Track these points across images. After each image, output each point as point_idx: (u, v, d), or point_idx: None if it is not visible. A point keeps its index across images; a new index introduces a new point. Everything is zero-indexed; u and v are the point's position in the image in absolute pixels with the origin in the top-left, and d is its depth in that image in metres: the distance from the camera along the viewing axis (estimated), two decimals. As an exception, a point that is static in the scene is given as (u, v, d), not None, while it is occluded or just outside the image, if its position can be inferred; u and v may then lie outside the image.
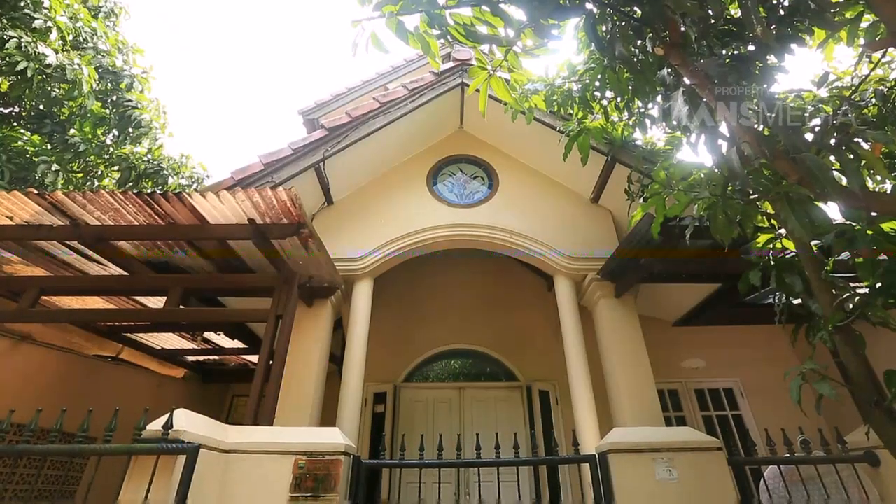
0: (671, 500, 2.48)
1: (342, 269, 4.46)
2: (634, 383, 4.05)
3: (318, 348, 4.18)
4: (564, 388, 4.83)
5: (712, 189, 2.14)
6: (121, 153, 6.46)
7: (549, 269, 4.83)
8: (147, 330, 5.06)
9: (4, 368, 4.04)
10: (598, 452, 2.74)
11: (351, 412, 3.94)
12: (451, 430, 5.48)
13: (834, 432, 2.89)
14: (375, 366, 5.29)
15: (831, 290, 2.12)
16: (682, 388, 5.88)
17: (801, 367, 2.06)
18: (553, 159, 4.93)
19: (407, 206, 5.02)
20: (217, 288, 3.99)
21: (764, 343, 5.95)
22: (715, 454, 2.65)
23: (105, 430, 2.19)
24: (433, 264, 6.23)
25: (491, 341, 6.23)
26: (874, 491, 2.75)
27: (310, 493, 2.38)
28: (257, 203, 3.22)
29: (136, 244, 3.86)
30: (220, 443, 2.43)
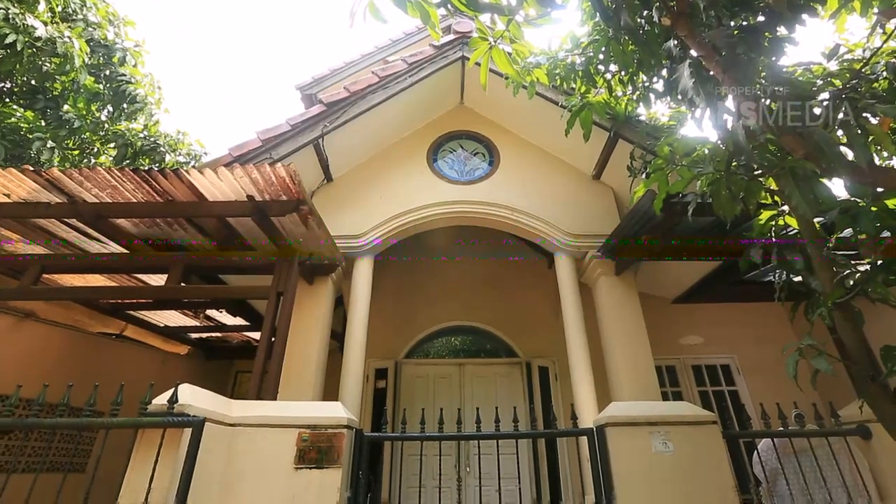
0: (667, 472, 2.54)
1: (342, 246, 4.46)
2: (633, 359, 4.10)
3: (320, 325, 4.22)
4: (564, 364, 4.89)
5: (716, 164, 2.11)
6: (116, 130, 6.36)
7: (550, 247, 4.83)
8: (150, 308, 5.10)
9: (9, 345, 4.08)
10: (596, 426, 2.79)
11: (353, 387, 4.00)
12: (452, 404, 5.59)
13: (828, 407, 2.93)
14: (377, 342, 5.35)
15: (832, 268, 2.12)
16: (680, 364, 5.97)
17: (799, 343, 2.08)
18: (555, 135, 4.87)
19: (407, 183, 4.98)
20: (218, 265, 4.00)
21: (761, 321, 6.00)
22: (710, 427, 2.71)
23: (111, 404, 2.23)
24: (434, 241, 6.23)
25: (491, 318, 6.29)
26: (864, 462, 2.82)
27: (314, 465, 2.44)
28: (256, 180, 3.19)
29: (136, 222, 3.84)
30: (224, 416, 2.48)
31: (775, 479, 3.13)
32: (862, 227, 1.96)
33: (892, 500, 2.68)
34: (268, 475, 2.42)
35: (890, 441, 2.40)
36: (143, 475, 2.03)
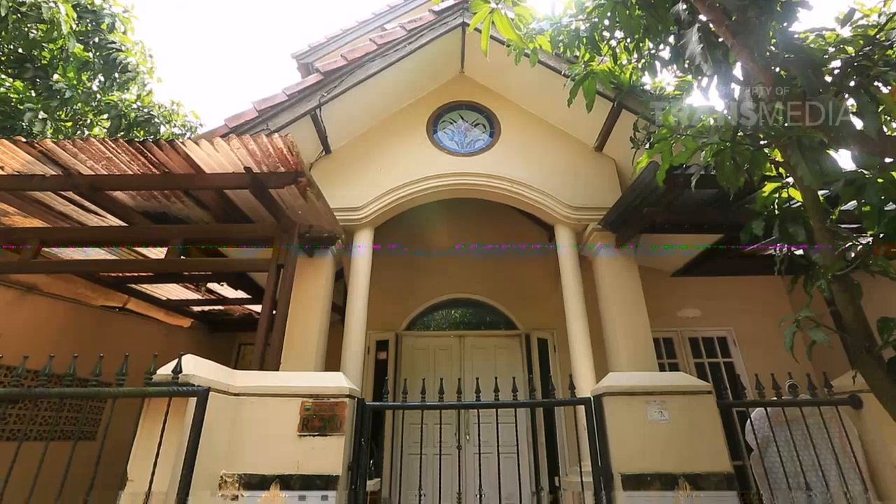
0: (662, 440, 2.61)
1: (342, 218, 4.43)
2: (631, 331, 4.14)
3: (321, 297, 4.25)
4: (563, 336, 4.95)
5: (721, 134, 2.07)
6: (109, 100, 6.22)
7: (550, 219, 4.80)
8: (151, 281, 5.11)
9: (13, 319, 4.12)
10: (594, 395, 2.85)
11: (354, 359, 4.06)
12: (452, 375, 5.69)
13: (822, 377, 2.99)
14: (377, 315, 5.40)
15: (834, 240, 2.11)
16: (677, 336, 6.04)
17: (797, 315, 2.10)
18: (557, 106, 4.76)
19: (407, 155, 4.91)
20: (217, 238, 3.99)
21: (759, 294, 6.05)
22: (705, 397, 2.76)
23: (117, 374, 2.26)
24: (433, 211, 6.19)
25: (491, 291, 6.33)
26: (854, 430, 2.89)
27: (317, 432, 2.50)
28: (253, 151, 3.14)
29: (133, 195, 3.81)
30: (228, 386, 2.53)
31: (766, 447, 3.22)
32: (867, 199, 1.94)
33: (877, 463, 2.76)
34: (273, 442, 2.49)
35: (879, 410, 2.45)
36: (151, 443, 2.08)
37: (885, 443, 2.70)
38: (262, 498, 2.36)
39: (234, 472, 2.42)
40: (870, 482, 2.75)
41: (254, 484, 2.39)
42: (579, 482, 2.81)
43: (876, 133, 1.62)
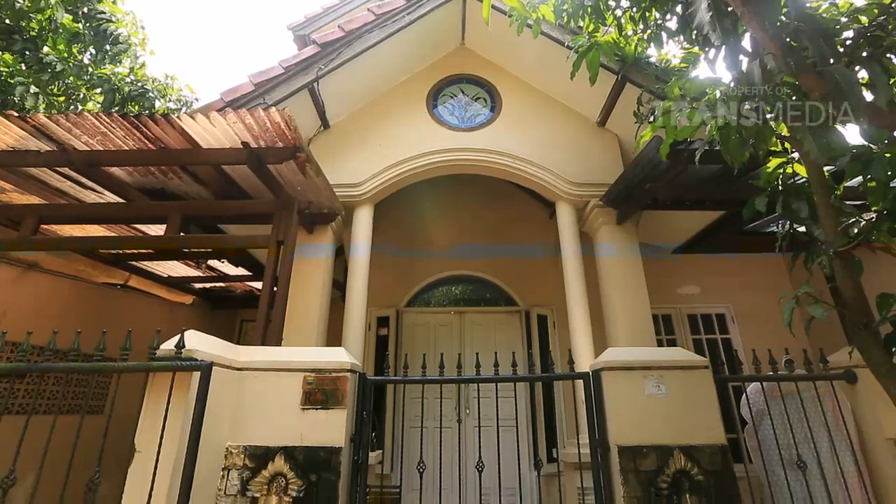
0: (659, 413, 2.65)
1: (341, 194, 4.40)
2: (631, 308, 4.17)
3: (321, 273, 4.25)
4: (562, 313, 4.98)
5: (729, 107, 2.02)
6: (101, 74, 6.08)
7: (552, 196, 4.77)
8: (151, 258, 5.11)
9: (15, 296, 4.13)
10: (592, 370, 2.89)
11: (355, 334, 4.10)
12: (452, 351, 5.76)
13: (818, 353, 3.02)
14: (378, 291, 5.43)
15: (837, 216, 2.10)
16: (676, 313, 6.09)
17: (796, 291, 2.10)
18: (559, 79, 4.65)
19: (406, 130, 4.83)
20: (216, 214, 3.97)
21: (758, 272, 6.06)
22: (702, 372, 2.80)
23: (120, 349, 2.28)
24: (434, 189, 6.15)
25: (491, 268, 6.34)
26: (847, 405, 2.94)
27: (320, 406, 2.55)
28: (250, 125, 3.09)
29: (130, 171, 3.77)
30: (232, 361, 2.56)
31: (761, 420, 3.29)
32: (873, 174, 1.91)
33: (869, 437, 2.82)
34: (276, 415, 2.54)
35: (873, 384, 2.49)
36: (157, 417, 2.11)
37: (877, 417, 2.75)
38: (267, 469, 2.42)
39: (239, 443, 2.47)
40: (860, 455, 2.81)
41: (258, 455, 2.44)
42: (576, 454, 2.88)
43: (886, 105, 1.58)
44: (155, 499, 1.98)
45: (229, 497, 2.38)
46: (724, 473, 2.53)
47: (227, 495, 2.38)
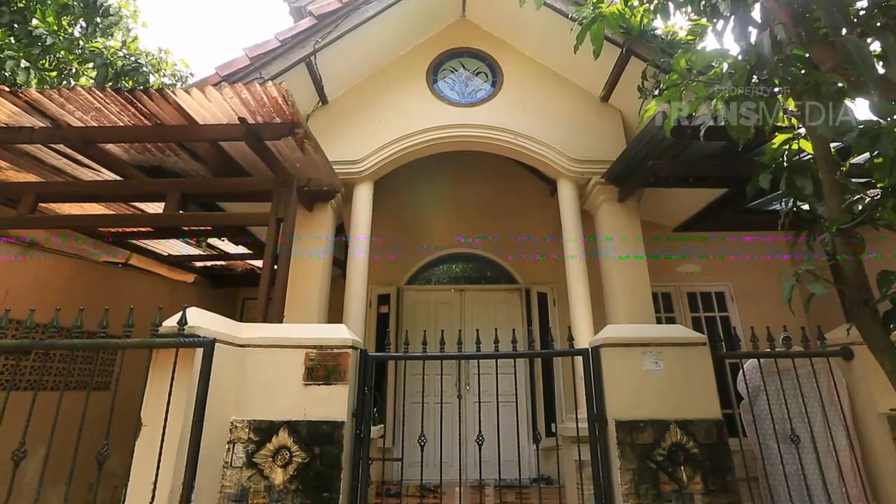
0: (656, 389, 2.69)
1: (341, 171, 4.35)
2: (631, 286, 4.18)
3: (321, 251, 4.25)
4: (562, 290, 5.01)
5: (735, 80, 1.97)
6: (93, 48, 5.93)
7: (553, 173, 4.72)
8: (151, 237, 5.10)
9: (17, 275, 4.14)
10: (592, 346, 2.91)
11: (356, 312, 4.13)
12: (453, 328, 5.80)
13: (816, 330, 3.03)
14: (378, 269, 5.44)
15: (842, 193, 2.08)
16: (676, 291, 6.11)
17: (797, 269, 2.10)
18: (562, 52, 4.55)
19: (406, 106, 4.74)
20: (214, 192, 3.94)
21: (758, 250, 6.06)
22: (700, 348, 2.82)
23: (123, 326, 2.30)
24: (434, 167, 6.09)
25: (492, 246, 6.34)
26: (842, 381, 2.98)
27: (322, 381, 2.59)
28: (246, 100, 3.03)
29: (126, 148, 3.73)
30: (234, 338, 2.58)
31: (757, 396, 3.34)
32: (881, 150, 1.88)
33: (862, 411, 2.87)
34: (279, 391, 2.58)
35: (869, 361, 2.51)
36: (162, 392, 2.14)
37: (871, 392, 2.79)
38: (271, 442, 2.47)
39: (243, 418, 2.52)
40: (853, 429, 2.86)
41: (263, 429, 2.49)
42: (575, 428, 2.93)
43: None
44: (163, 470, 2.03)
45: (235, 469, 2.44)
46: (718, 447, 2.59)
47: (234, 467, 2.44)
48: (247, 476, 2.43)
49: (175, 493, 2.04)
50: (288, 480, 2.41)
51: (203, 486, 2.19)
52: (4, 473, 2.02)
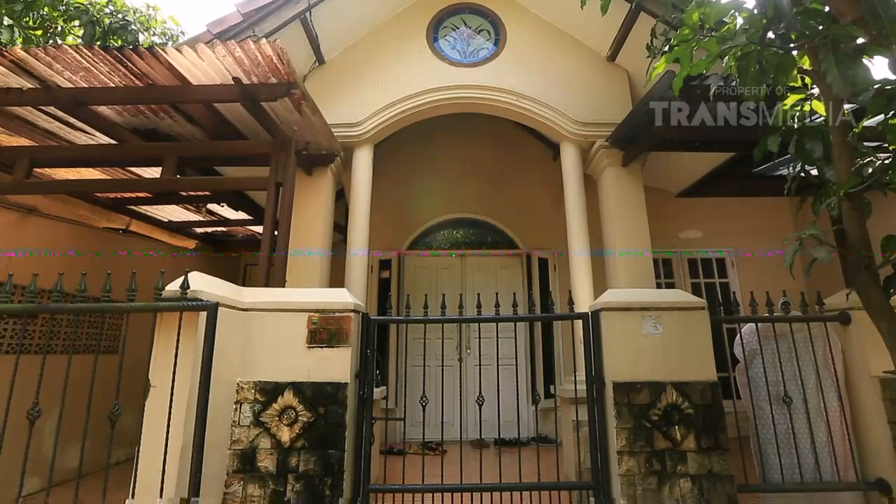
0: (654, 352, 2.73)
1: (340, 135, 4.26)
2: (632, 252, 4.17)
3: (322, 216, 4.23)
4: (563, 256, 5.01)
5: (750, 35, 1.88)
6: (78, 3, 5.67)
7: (556, 136, 4.61)
8: (150, 202, 5.07)
9: (18, 241, 4.13)
10: (592, 311, 2.94)
11: (358, 277, 4.15)
12: (454, 293, 5.86)
13: (816, 295, 3.05)
14: (379, 234, 5.43)
15: (852, 156, 2.03)
16: (676, 257, 6.12)
17: (801, 233, 2.09)
18: (568, 8, 4.35)
19: (406, 66, 4.58)
20: (211, 156, 3.87)
21: (760, 217, 6.03)
22: (699, 312, 2.85)
23: (127, 290, 2.31)
24: (435, 131, 5.96)
25: (493, 210, 6.30)
26: (838, 345, 3.02)
27: (325, 344, 2.63)
28: (240, 59, 2.92)
29: (119, 110, 3.63)
30: (237, 302, 2.60)
31: (753, 359, 3.39)
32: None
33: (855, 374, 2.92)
34: (283, 353, 2.62)
35: (866, 325, 2.54)
36: (169, 355, 2.18)
37: (865, 356, 2.83)
38: (277, 402, 2.54)
39: (249, 379, 2.58)
40: (844, 391, 2.93)
41: (268, 390, 2.56)
42: (573, 390, 3.01)
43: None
44: (173, 428, 2.09)
45: (243, 427, 2.52)
46: (712, 407, 2.66)
47: (241, 426, 2.52)
48: (254, 434, 2.51)
49: (186, 450, 2.12)
50: (294, 438, 2.50)
51: (213, 443, 2.27)
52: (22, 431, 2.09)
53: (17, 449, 2.08)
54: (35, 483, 3.82)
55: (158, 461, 2.04)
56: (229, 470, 2.46)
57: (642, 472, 2.54)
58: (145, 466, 2.09)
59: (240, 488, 2.44)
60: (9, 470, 2.13)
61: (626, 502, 2.51)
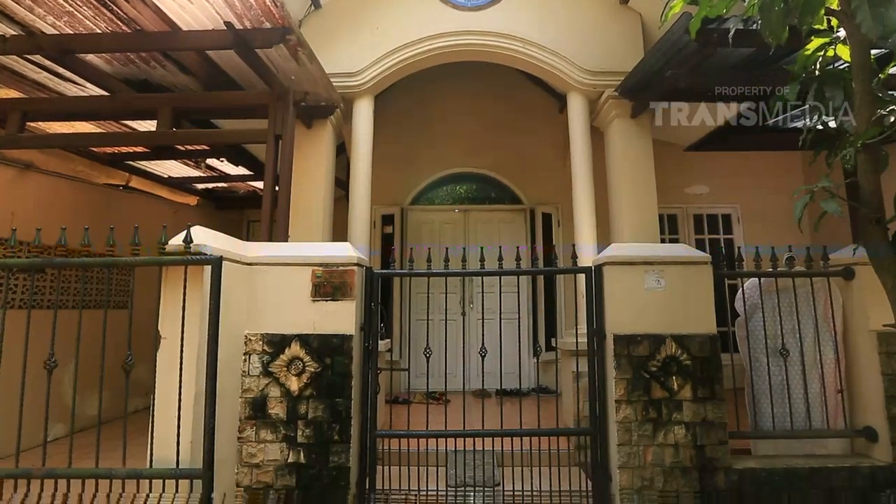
0: (657, 305, 2.75)
1: (339, 85, 4.10)
2: (637, 206, 4.13)
3: (323, 170, 4.16)
4: (567, 211, 4.96)
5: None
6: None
7: (563, 85, 4.44)
8: (148, 157, 4.99)
9: (17, 197, 4.11)
10: (595, 265, 2.94)
11: (360, 231, 4.14)
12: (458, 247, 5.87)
13: (822, 251, 3.02)
14: (381, 189, 5.37)
15: (874, 105, 1.95)
16: (682, 213, 6.06)
17: (812, 186, 2.04)
18: (581, -56, 4.05)
19: (407, 10, 4.33)
20: (207, 107, 3.76)
21: (770, 172, 5.91)
22: (702, 267, 2.85)
23: (130, 244, 2.32)
24: (438, 82, 5.75)
25: (497, 164, 6.19)
26: (839, 299, 3.03)
27: (329, 297, 2.66)
28: (231, 1, 2.76)
29: (108, 59, 3.49)
30: (241, 256, 2.61)
31: (753, 313, 3.42)
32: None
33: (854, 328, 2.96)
34: (288, 306, 2.67)
35: (869, 280, 2.53)
36: (176, 308, 2.21)
37: (866, 311, 2.85)
38: (284, 354, 2.61)
39: (256, 332, 2.64)
40: (841, 345, 2.97)
41: (276, 342, 2.62)
42: (574, 343, 3.06)
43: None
44: (185, 377, 2.16)
45: (253, 377, 2.61)
46: (710, 359, 2.72)
47: (251, 376, 2.61)
48: (264, 383, 2.60)
49: (199, 397, 2.20)
50: (303, 387, 2.59)
51: (224, 392, 2.35)
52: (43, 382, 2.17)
53: (42, 398, 2.17)
54: (60, 429, 4.02)
55: (173, 408, 2.12)
56: (241, 416, 2.57)
57: (639, 419, 2.64)
58: (161, 413, 2.18)
59: (253, 433, 2.56)
60: (36, 418, 2.24)
61: (621, 447, 2.62)
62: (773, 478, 2.64)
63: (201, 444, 2.13)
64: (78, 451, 2.26)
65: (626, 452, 2.61)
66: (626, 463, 2.60)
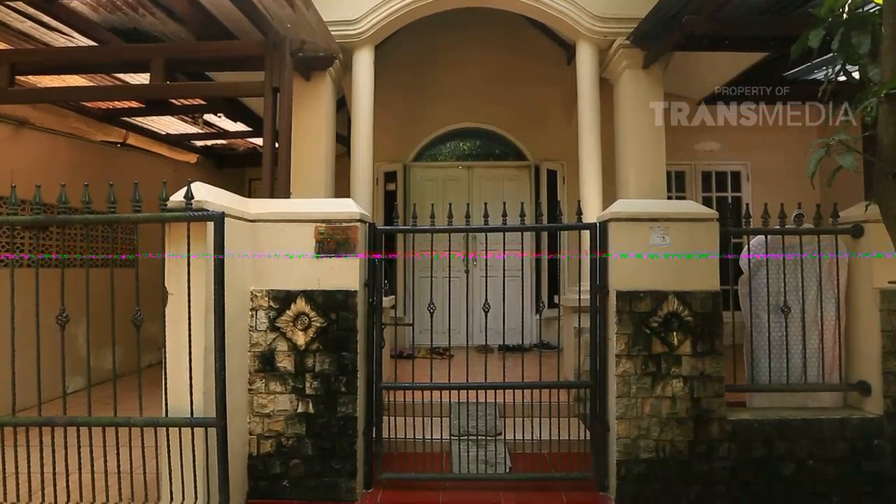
0: (660, 261, 2.74)
1: (337, 34, 3.91)
2: (645, 162, 4.03)
3: (323, 125, 4.06)
4: (572, 168, 4.87)
5: None
6: None
7: (572, 33, 4.21)
8: (144, 113, 4.87)
9: (14, 155, 4.05)
10: (600, 221, 2.91)
11: (363, 188, 4.09)
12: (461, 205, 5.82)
13: (832, 207, 2.97)
14: (384, 145, 5.26)
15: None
16: (691, 170, 5.94)
17: (828, 140, 1.97)
18: None
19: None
20: (200, 58, 3.61)
21: (782, 129, 5.66)
22: (709, 224, 2.81)
23: (131, 200, 2.29)
24: (440, 32, 5.48)
25: (501, 119, 6.02)
26: (845, 256, 3.00)
27: (332, 253, 2.67)
28: (220, -60, 2.59)
29: (94, 6, 3.33)
30: (243, 213, 2.59)
31: (757, 270, 3.41)
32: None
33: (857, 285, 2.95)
34: (293, 262, 2.68)
35: (877, 238, 2.50)
36: (181, 264, 2.22)
37: (871, 268, 2.83)
38: (290, 309, 2.65)
39: (262, 288, 2.66)
40: (843, 302, 2.97)
41: (281, 298, 2.65)
42: (576, 299, 3.09)
43: None
44: (194, 331, 2.20)
45: (260, 332, 2.66)
46: (711, 316, 2.74)
47: (258, 331, 2.66)
48: (272, 338, 2.66)
49: (209, 350, 2.25)
50: (309, 342, 2.65)
51: (232, 345, 2.40)
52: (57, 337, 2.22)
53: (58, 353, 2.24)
54: (78, 381, 4.17)
55: (185, 361, 2.18)
56: (251, 370, 2.65)
57: (638, 372, 2.70)
58: (174, 366, 2.24)
59: (262, 385, 2.65)
60: (55, 372, 2.32)
61: (620, 399, 2.69)
62: (765, 427, 2.73)
63: (213, 395, 2.20)
64: (96, 403, 2.35)
65: (625, 404, 2.69)
66: (623, 414, 2.69)
